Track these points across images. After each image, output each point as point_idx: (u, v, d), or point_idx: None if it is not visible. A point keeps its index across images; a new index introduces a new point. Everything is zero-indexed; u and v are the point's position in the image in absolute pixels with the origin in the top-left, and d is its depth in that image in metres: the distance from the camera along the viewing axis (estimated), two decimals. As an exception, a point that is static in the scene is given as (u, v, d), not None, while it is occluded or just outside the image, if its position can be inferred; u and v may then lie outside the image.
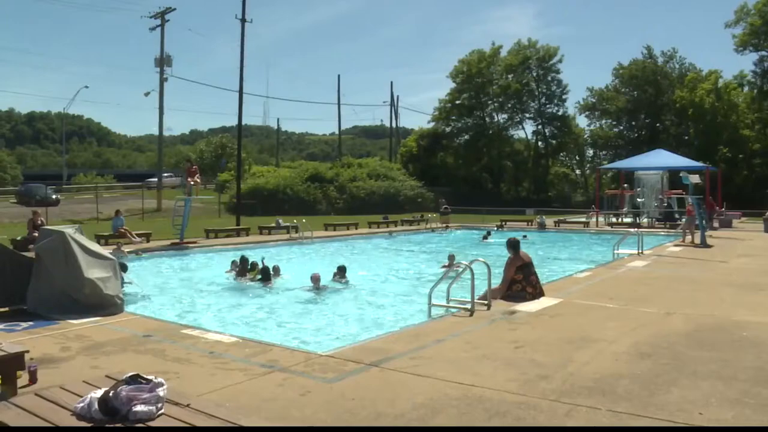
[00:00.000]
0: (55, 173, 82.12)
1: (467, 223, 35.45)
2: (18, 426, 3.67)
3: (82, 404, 3.90)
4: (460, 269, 10.34)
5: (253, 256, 15.56)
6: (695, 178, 23.28)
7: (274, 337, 8.56)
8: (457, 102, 72.28)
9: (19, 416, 3.88)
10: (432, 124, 74.81)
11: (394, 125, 78.44)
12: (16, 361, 5.56)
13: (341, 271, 14.10)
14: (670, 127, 68.69)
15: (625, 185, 38.65)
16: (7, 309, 9.23)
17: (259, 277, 13.99)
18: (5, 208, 40.79)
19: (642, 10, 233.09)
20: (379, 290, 13.69)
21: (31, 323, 8.51)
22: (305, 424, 4.76)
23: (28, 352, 5.80)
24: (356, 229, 31.14)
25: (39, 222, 19.78)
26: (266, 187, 51.73)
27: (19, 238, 18.98)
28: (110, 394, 3.85)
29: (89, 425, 3.64)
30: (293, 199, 50.85)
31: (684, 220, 24.23)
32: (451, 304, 9.66)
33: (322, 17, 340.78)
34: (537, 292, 10.50)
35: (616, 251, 17.96)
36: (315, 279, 13.00)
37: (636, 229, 22.65)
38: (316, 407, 5.13)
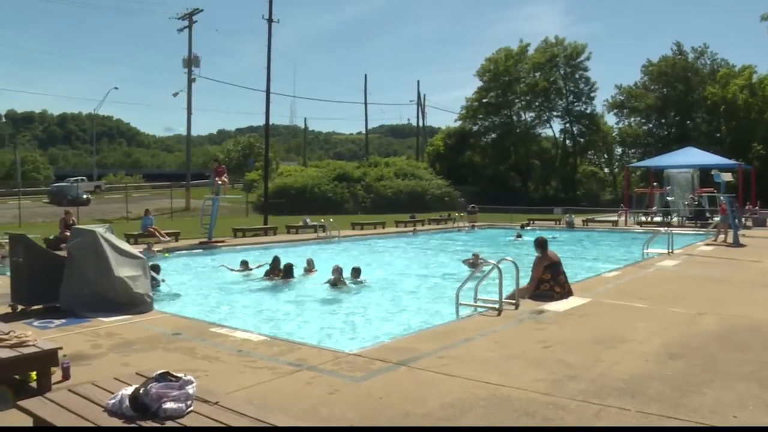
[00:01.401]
0: (86, 173, 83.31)
1: (495, 222, 35.30)
2: (64, 426, 3.73)
3: (113, 401, 3.96)
4: (488, 268, 10.29)
5: (284, 255, 15.63)
6: (727, 176, 22.92)
7: (301, 335, 8.60)
8: (484, 100, 71.97)
9: (55, 412, 3.96)
10: (459, 123, 74.67)
11: (420, 124, 78.50)
12: (51, 357, 5.67)
13: (356, 272, 14.08)
14: (701, 124, 67.65)
15: (655, 183, 38.17)
16: (40, 306, 9.41)
17: (268, 274, 14.12)
18: (38, 207, 41.49)
19: (672, 5, 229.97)
20: (405, 289, 13.67)
21: (63, 321, 8.66)
22: (333, 422, 4.78)
23: (61, 348, 5.91)
24: (383, 228, 31.13)
25: (71, 221, 20.11)
26: (294, 186, 52.00)
27: (51, 237, 19.30)
28: (141, 391, 3.90)
29: (130, 425, 3.69)
30: (320, 198, 51.04)
31: (718, 218, 23.87)
32: (478, 304, 9.62)
33: (348, 16, 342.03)
34: (565, 292, 10.41)
35: (645, 250, 17.74)
36: (336, 270, 13.06)
37: (666, 228, 22.33)
38: (344, 406, 5.14)
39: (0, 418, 4.84)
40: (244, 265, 15.44)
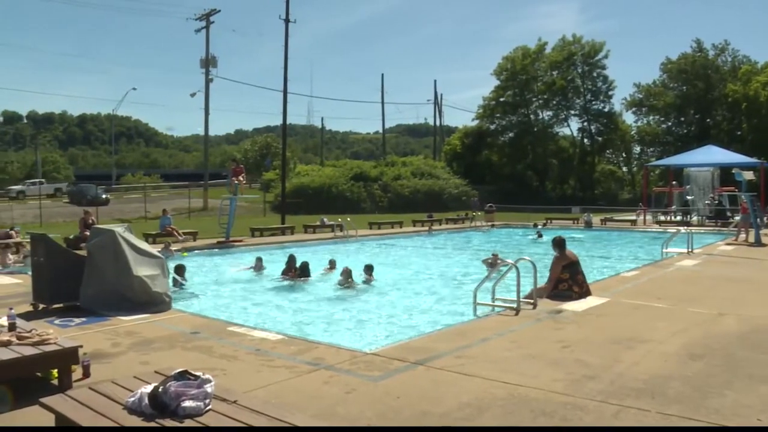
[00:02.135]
0: (105, 173, 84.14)
1: (513, 221, 35.16)
2: (88, 426, 3.76)
3: (132, 398, 3.99)
4: (506, 268, 10.25)
5: (301, 254, 15.66)
6: (749, 175, 22.66)
7: (318, 334, 8.61)
8: (502, 99, 71.74)
9: (76, 409, 4.01)
10: (476, 122, 74.47)
11: (438, 123, 78.32)
12: (72, 355, 5.74)
13: (369, 269, 14.12)
14: (722, 122, 66.97)
15: (674, 182, 37.81)
16: (61, 305, 9.50)
17: (284, 274, 14.18)
18: (58, 207, 41.94)
19: (691, 1, 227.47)
20: (422, 289, 13.65)
21: (84, 319, 8.74)
22: (351, 421, 4.78)
23: (81, 347, 5.97)
24: (401, 227, 31.13)
25: (90, 221, 20.29)
26: (311, 185, 52.14)
27: (71, 236, 19.47)
28: (159, 390, 3.93)
29: (151, 424, 3.72)
30: (338, 197, 51.10)
31: (738, 217, 23.62)
32: (496, 303, 9.59)
33: (365, 15, 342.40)
34: (583, 291, 10.35)
35: (664, 250, 17.58)
36: (344, 272, 13.10)
37: (685, 228, 22.12)
38: (362, 405, 5.14)
39: (22, 415, 4.90)
40: (259, 261, 15.53)
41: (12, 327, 6.14)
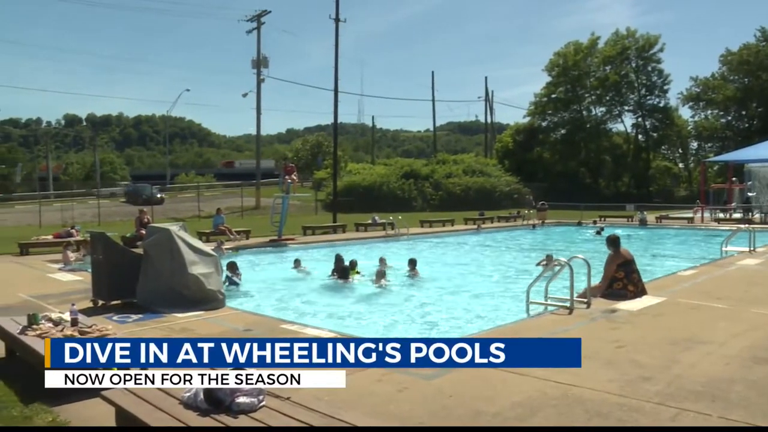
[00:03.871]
0: (160, 173, 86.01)
1: (564, 219, 34.65)
2: (158, 426, 3.85)
3: (188, 394, 4.08)
4: (559, 267, 10.10)
5: (350, 253, 15.75)
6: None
7: (369, 332, 8.63)
8: (553, 96, 70.60)
9: (135, 403, 4.12)
10: (527, 119, 73.54)
11: (489, 121, 77.68)
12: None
13: (412, 264, 14.12)
14: (789, 115, 64.29)
15: (734, 179, 36.66)
16: (119, 302, 9.76)
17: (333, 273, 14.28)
18: (116, 207, 43.13)
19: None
20: (473, 287, 13.56)
21: (140, 316, 8.97)
22: (403, 420, 4.78)
23: (139, 343, 6.10)
24: (452, 225, 31.01)
25: (146, 220, 20.78)
26: (362, 184, 52.34)
27: (128, 235, 19.98)
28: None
29: (220, 425, 3.79)
30: (389, 196, 51.13)
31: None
32: (549, 302, 9.46)
33: (415, 13, 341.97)
34: (639, 291, 10.12)
35: (724, 248, 17.05)
36: (379, 273, 13.26)
37: (747, 225, 21.43)
38: (413, 403, 5.13)
39: (85, 407, 5.04)
40: (297, 262, 15.68)
41: (74, 322, 6.34)
